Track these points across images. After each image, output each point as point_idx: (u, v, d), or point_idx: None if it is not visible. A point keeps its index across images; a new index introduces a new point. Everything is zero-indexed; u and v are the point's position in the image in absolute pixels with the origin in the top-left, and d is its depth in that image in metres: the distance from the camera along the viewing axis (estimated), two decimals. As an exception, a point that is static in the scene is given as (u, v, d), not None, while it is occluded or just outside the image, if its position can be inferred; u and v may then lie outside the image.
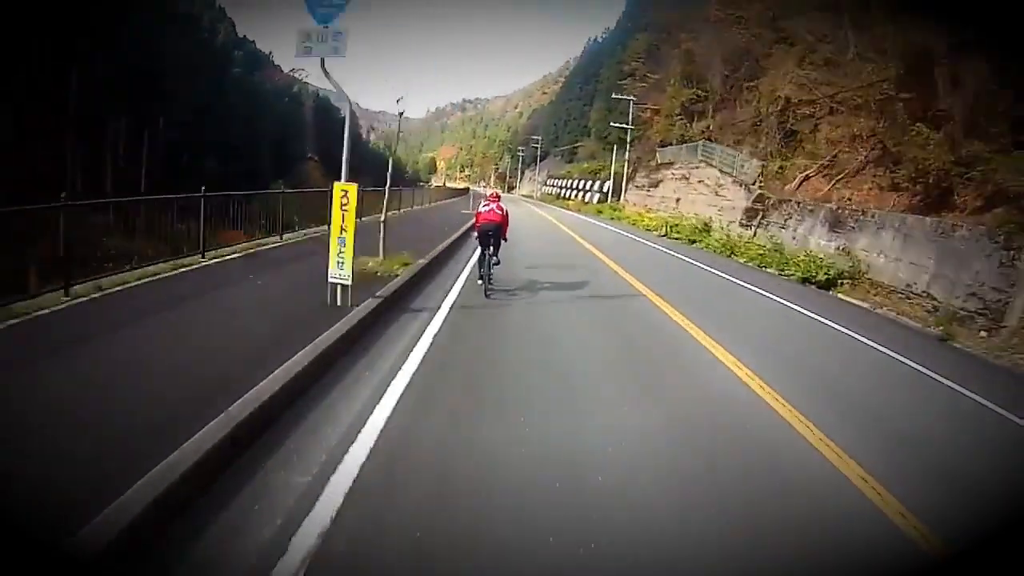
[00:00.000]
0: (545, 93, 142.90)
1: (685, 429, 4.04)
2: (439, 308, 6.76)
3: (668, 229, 21.54)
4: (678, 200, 25.60)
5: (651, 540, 2.67)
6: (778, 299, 10.24)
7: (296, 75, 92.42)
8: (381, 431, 3.44)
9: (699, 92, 28.39)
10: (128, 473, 2.41)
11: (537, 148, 72.21)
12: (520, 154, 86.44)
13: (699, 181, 23.95)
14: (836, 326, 8.46)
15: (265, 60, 70.96)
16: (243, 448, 2.99)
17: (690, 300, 8.96)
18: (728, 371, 5.46)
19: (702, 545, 2.67)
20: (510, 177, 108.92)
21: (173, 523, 2.37)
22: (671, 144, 29.02)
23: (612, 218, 29.94)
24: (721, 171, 22.07)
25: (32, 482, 2.40)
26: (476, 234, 8.01)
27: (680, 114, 29.37)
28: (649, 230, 23.28)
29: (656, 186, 29.06)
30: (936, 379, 6.24)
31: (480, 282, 7.88)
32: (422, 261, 8.75)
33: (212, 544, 2.33)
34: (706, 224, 20.47)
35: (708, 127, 26.68)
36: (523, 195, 75.15)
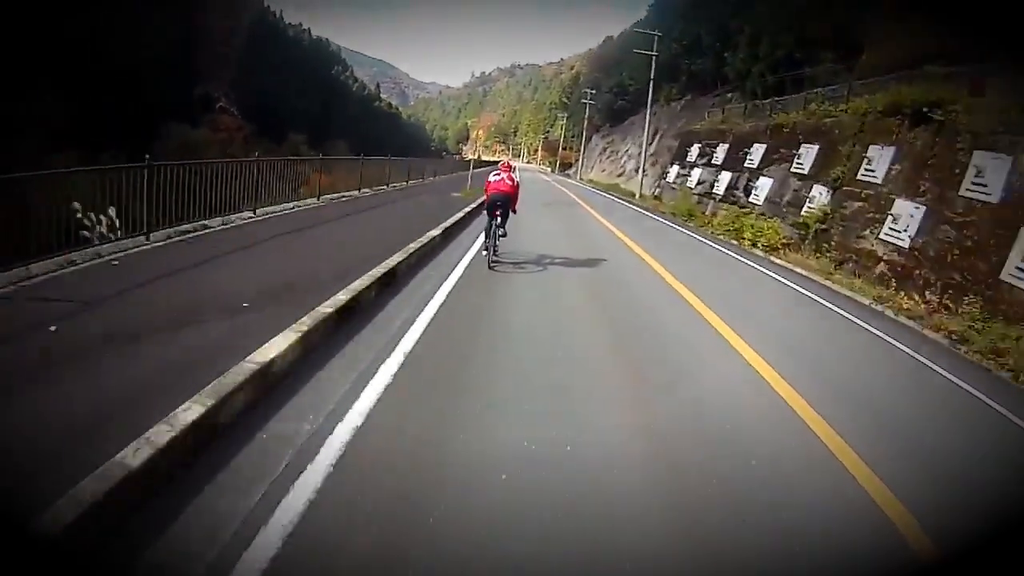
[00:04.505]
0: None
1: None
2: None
3: None
4: None
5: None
6: None
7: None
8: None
9: None
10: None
11: (637, 80, 35.35)
12: (587, 101, 48.01)
13: None
14: None
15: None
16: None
17: None
18: None
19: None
20: (564, 148, 74.95)
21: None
22: None
23: None
24: None
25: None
26: (485, 204, 7.98)
27: None
28: None
29: None
30: None
31: (485, 252, 7.64)
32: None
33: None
34: None
35: None
36: (593, 182, 42.00)
